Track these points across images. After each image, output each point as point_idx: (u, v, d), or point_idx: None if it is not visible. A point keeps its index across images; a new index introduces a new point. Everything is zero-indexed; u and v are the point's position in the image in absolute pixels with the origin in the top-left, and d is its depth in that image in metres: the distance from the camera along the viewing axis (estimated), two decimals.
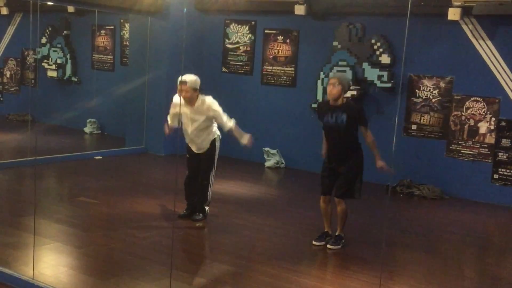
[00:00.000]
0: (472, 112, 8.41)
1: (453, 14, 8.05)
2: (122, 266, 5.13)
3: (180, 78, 6.08)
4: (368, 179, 8.88)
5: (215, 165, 6.53)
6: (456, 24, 8.31)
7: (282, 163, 10.06)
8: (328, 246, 5.83)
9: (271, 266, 5.29)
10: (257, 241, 6.07)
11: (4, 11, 13.14)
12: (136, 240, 5.80)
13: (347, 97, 6.24)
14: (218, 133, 6.50)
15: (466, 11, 8.06)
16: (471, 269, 5.86)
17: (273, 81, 10.20)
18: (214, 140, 6.42)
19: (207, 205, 6.61)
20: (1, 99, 14.40)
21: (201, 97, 6.26)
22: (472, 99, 8.40)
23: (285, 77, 10.05)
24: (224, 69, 10.72)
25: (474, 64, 8.33)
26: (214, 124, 6.41)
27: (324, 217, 5.96)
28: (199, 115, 6.25)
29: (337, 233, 5.91)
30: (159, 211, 6.90)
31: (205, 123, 6.28)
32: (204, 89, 6.39)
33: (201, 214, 6.54)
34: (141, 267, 5.11)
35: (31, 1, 8.51)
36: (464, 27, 8.35)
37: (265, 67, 10.26)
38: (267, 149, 10.09)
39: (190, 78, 6.15)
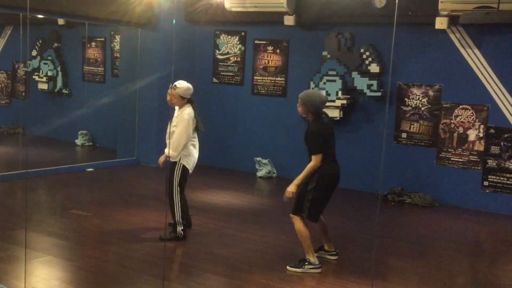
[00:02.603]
0: (461, 120, 8.49)
1: (440, 23, 8.13)
2: (115, 279, 5.13)
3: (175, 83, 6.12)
4: (359, 187, 9.05)
5: (177, 190, 6.19)
6: (443, 33, 8.40)
7: (274, 173, 10.09)
8: (287, 267, 5.55)
9: (263, 276, 5.31)
10: (250, 251, 6.08)
11: None
12: (128, 252, 5.80)
13: (324, 114, 5.69)
14: (185, 162, 6.19)
15: (453, 20, 8.14)
16: (463, 276, 5.90)
17: (263, 91, 10.24)
18: (175, 164, 6.19)
19: (179, 227, 6.23)
20: None
21: (187, 106, 6.17)
22: (460, 107, 8.48)
23: (275, 87, 10.11)
24: (214, 80, 10.76)
25: (462, 72, 8.42)
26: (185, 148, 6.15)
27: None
28: (175, 123, 6.13)
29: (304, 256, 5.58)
30: (151, 222, 6.90)
31: None
32: (195, 100, 6.36)
33: (171, 233, 6.24)
34: (134, 279, 5.12)
35: (21, 14, 8.53)
36: (452, 36, 8.44)
37: (255, 77, 10.31)
38: (258, 159, 10.12)
39: (181, 85, 6.13)
